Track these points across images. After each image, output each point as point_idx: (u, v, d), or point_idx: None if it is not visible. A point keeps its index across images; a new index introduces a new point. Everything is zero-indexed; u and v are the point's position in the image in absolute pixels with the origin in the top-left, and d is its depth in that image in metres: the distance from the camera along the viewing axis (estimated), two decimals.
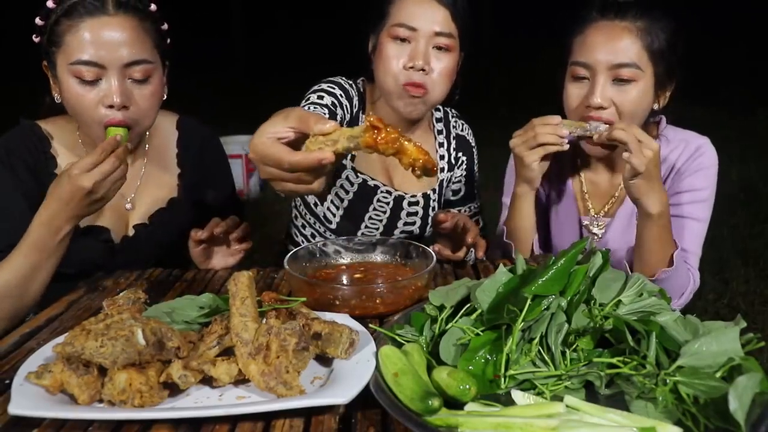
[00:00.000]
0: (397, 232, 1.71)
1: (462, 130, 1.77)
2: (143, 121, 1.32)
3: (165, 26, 1.37)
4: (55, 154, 1.36)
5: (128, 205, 1.44)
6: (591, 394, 0.82)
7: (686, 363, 0.77)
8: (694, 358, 0.77)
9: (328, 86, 1.56)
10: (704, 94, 6.77)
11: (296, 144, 0.91)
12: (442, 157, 1.73)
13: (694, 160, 1.50)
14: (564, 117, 1.51)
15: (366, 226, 1.68)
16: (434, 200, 1.73)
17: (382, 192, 1.65)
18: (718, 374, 0.76)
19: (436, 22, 1.47)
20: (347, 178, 1.62)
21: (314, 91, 1.54)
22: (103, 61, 1.24)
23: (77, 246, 1.28)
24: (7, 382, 0.86)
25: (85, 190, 1.13)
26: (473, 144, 1.78)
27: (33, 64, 1.35)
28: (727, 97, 8.23)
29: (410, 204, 1.69)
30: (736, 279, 3.41)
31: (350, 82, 1.63)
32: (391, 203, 1.67)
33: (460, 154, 1.76)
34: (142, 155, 1.48)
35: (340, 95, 1.55)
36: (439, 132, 1.73)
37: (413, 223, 1.71)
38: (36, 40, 1.30)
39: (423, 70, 1.47)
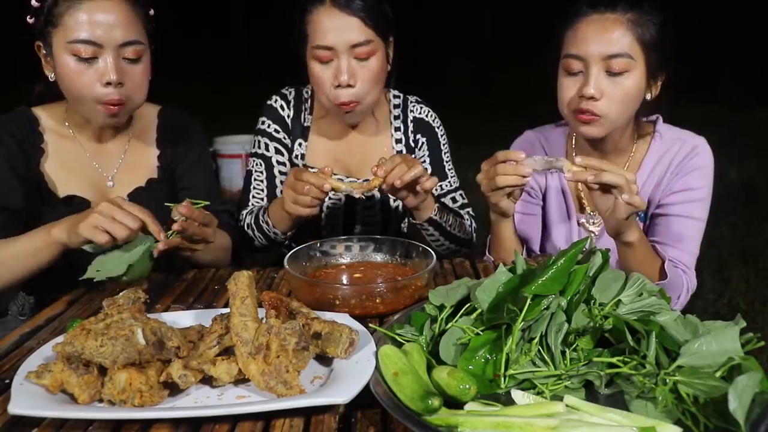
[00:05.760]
0: (358, 224, 1.73)
1: (420, 113, 1.79)
2: (135, 97, 1.41)
3: (152, 12, 1.44)
4: (42, 132, 1.46)
5: (110, 183, 1.51)
6: (591, 393, 0.82)
7: (686, 363, 0.77)
8: (694, 357, 0.77)
9: (261, 125, 1.72)
10: (703, 92, 6.76)
11: None
12: (399, 141, 1.76)
13: (690, 160, 1.50)
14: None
15: (324, 219, 1.71)
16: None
17: None
18: (718, 374, 0.76)
19: (350, 34, 1.49)
20: None
21: (256, 134, 1.73)
22: (99, 41, 1.31)
23: (59, 215, 1.30)
24: (7, 381, 0.86)
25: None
26: (435, 125, 1.80)
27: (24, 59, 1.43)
28: (726, 95, 8.23)
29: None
30: (736, 279, 3.41)
31: (291, 90, 1.75)
32: (342, 196, 1.70)
33: (419, 136, 1.78)
34: (125, 136, 1.55)
35: (274, 131, 1.71)
36: (396, 117, 1.77)
37: (373, 216, 1.73)
38: (30, 21, 1.37)
39: (350, 85, 1.52)
